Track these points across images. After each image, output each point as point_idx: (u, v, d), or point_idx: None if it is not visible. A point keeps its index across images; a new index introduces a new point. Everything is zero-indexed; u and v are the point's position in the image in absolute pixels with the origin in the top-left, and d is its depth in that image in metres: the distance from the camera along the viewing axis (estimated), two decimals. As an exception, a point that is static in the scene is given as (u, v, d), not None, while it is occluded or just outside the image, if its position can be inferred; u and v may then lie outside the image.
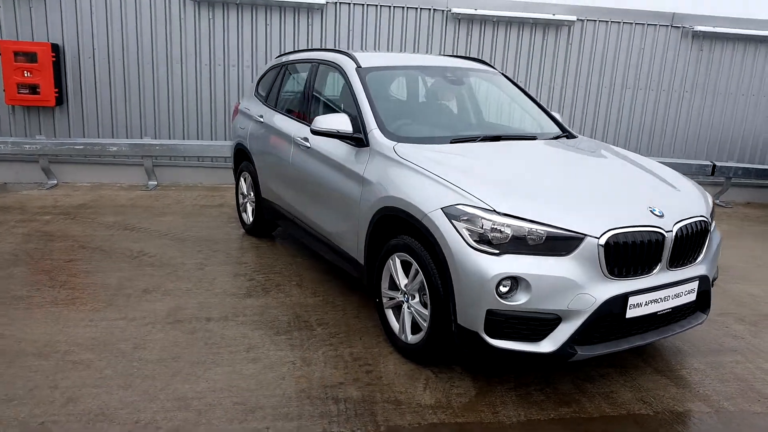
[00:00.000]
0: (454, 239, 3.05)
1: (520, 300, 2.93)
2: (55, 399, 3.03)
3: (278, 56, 5.95)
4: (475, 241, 3.00)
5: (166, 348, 3.59)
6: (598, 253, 2.95)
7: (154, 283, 4.58)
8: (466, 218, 3.05)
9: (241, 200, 6.07)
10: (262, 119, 5.38)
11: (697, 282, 3.30)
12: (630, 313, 3.04)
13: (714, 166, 8.48)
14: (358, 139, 3.94)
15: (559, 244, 2.96)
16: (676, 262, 3.21)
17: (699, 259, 3.35)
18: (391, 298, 3.66)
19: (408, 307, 3.49)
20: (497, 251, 2.96)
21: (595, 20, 8.41)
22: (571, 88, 8.59)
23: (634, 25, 8.48)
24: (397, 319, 3.64)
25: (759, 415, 3.14)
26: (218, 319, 4.00)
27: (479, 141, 3.97)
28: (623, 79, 8.65)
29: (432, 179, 3.33)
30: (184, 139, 8.23)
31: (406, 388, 3.24)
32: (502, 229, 2.96)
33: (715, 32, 8.46)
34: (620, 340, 3.13)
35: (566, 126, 4.67)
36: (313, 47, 7.50)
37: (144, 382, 3.21)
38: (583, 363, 3.51)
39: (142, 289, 4.48)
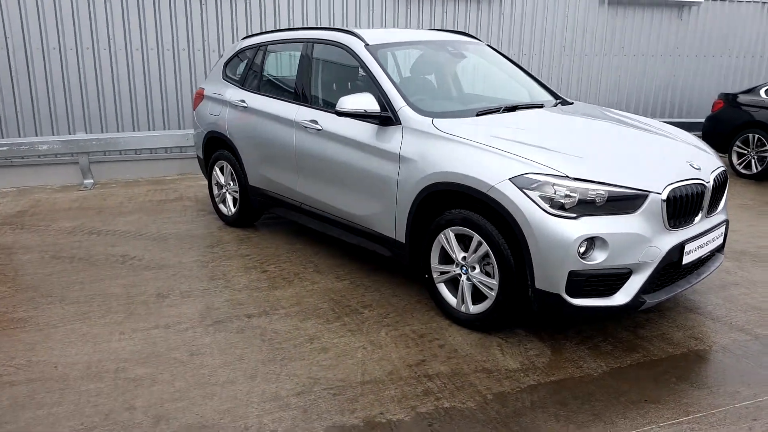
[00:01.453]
0: (529, 208, 3.15)
1: (599, 258, 3.11)
2: (141, 421, 2.81)
3: (245, 37, 5.68)
4: (549, 207, 3.12)
5: (225, 351, 3.42)
6: (661, 208, 3.19)
7: (164, 287, 4.31)
8: (535, 186, 3.16)
9: (216, 191, 5.79)
10: (244, 104, 5.14)
11: (724, 226, 3.67)
12: (685, 259, 3.33)
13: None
14: (385, 117, 3.90)
15: (627, 203, 3.16)
16: (711, 210, 3.54)
17: (721, 206, 3.71)
18: (443, 273, 3.71)
19: (468, 279, 3.57)
20: (574, 215, 3.10)
21: (524, -10, 8.77)
22: (506, 57, 8.93)
23: (557, -6, 8.94)
24: (452, 293, 3.70)
25: (790, 337, 3.58)
26: (259, 315, 3.86)
27: (502, 112, 4.08)
28: (551, 45, 9.11)
29: (489, 151, 3.39)
30: (118, 131, 7.65)
31: (486, 356, 3.34)
32: (573, 194, 3.10)
33: (628, -2, 9.12)
34: (674, 285, 3.41)
35: (556, 92, 4.90)
36: (287, 27, 7.24)
37: (225, 388, 3.06)
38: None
39: (155, 294, 4.20)
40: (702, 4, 9.67)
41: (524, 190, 3.18)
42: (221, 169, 5.64)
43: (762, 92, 7.79)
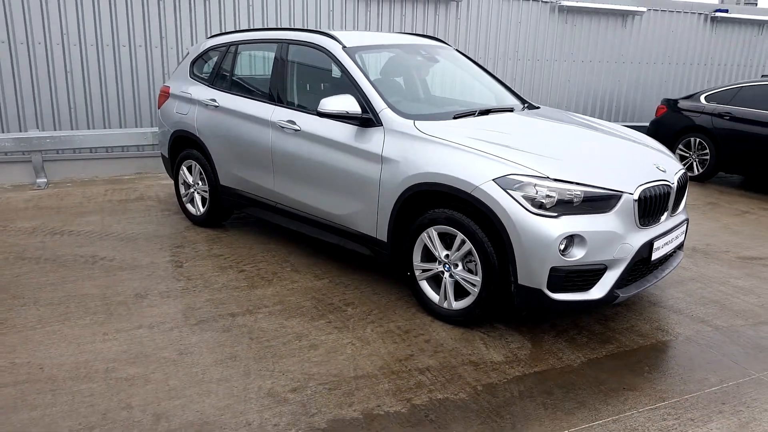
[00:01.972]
0: (513, 207, 3.32)
1: (577, 255, 3.31)
2: (141, 419, 2.82)
3: (212, 36, 5.66)
4: (531, 206, 3.30)
5: (214, 349, 3.45)
6: (633, 207, 3.42)
7: (141, 287, 4.26)
8: (518, 186, 3.33)
9: (184, 191, 5.74)
10: (215, 103, 5.13)
11: (685, 225, 3.96)
12: (654, 256, 3.58)
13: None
14: (366, 119, 4.00)
15: (603, 202, 3.38)
16: (674, 209, 3.81)
17: (682, 206, 4.00)
18: (425, 270, 3.85)
19: (451, 276, 3.71)
20: (555, 214, 3.29)
21: (479, -4, 9.02)
22: (463, 61, 9.17)
23: (511, 1, 9.24)
24: (434, 290, 3.84)
25: (744, 327, 3.90)
26: (243, 314, 3.89)
27: (477, 115, 4.25)
28: (505, 50, 9.42)
29: (472, 153, 3.55)
30: (72, 129, 7.43)
31: (471, 350, 3.49)
32: (553, 194, 3.29)
33: (578, 6, 9.52)
34: (644, 279, 3.67)
35: (519, 94, 5.12)
36: (258, 27, 7.20)
37: (220, 386, 3.09)
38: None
39: (133, 294, 4.16)
40: (644, 14, 10.20)
41: (508, 191, 3.34)
42: (189, 169, 5.59)
43: (702, 98, 8.31)
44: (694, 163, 8.29)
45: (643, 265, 3.58)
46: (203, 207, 5.55)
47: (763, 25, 11.36)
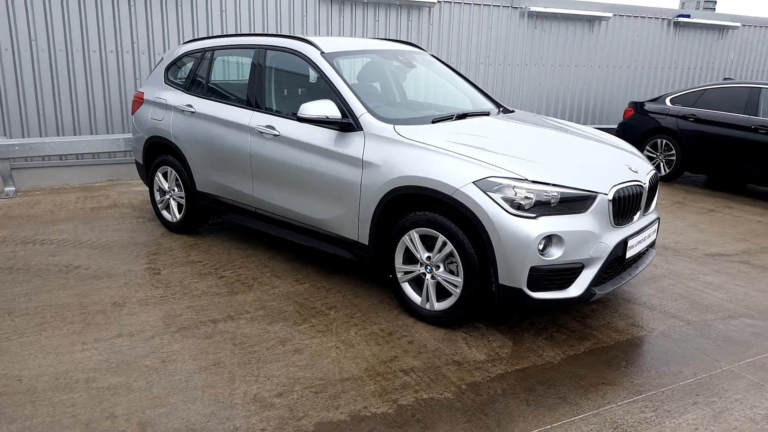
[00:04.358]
0: (492, 209, 3.39)
1: (556, 255, 3.39)
2: (125, 428, 2.79)
3: (188, 42, 5.63)
4: (511, 207, 3.37)
5: (197, 356, 3.43)
6: (608, 207, 3.52)
7: (118, 296, 4.22)
8: (497, 188, 3.40)
9: (159, 197, 5.69)
10: (192, 109, 5.10)
11: (657, 223, 4.08)
12: (628, 254, 3.68)
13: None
14: (346, 124, 4.04)
15: (579, 203, 3.46)
16: (646, 208, 3.93)
17: (653, 205, 4.13)
18: (407, 272, 3.89)
19: (432, 278, 3.76)
20: (533, 215, 3.37)
21: (451, 2, 9.13)
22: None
23: (482, 6, 9.38)
24: (416, 291, 3.89)
25: (714, 321, 4.04)
26: (224, 320, 3.87)
27: (455, 119, 4.31)
28: (477, 54, 9.55)
29: (452, 156, 3.60)
30: (41, 136, 7.29)
31: (454, 350, 3.54)
32: (531, 196, 3.37)
33: (547, 12, 9.71)
34: (618, 277, 3.77)
35: (493, 97, 5.22)
36: (234, 33, 7.16)
37: (205, 392, 3.08)
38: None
39: (110, 303, 4.11)
40: (611, 19, 10.45)
41: (487, 193, 3.41)
42: (165, 175, 5.55)
43: (667, 101, 8.54)
44: (661, 164, 8.51)
45: (618, 263, 3.68)
46: (179, 213, 5.51)
47: (723, 30, 11.74)
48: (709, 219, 6.71)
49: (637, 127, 8.70)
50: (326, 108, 3.99)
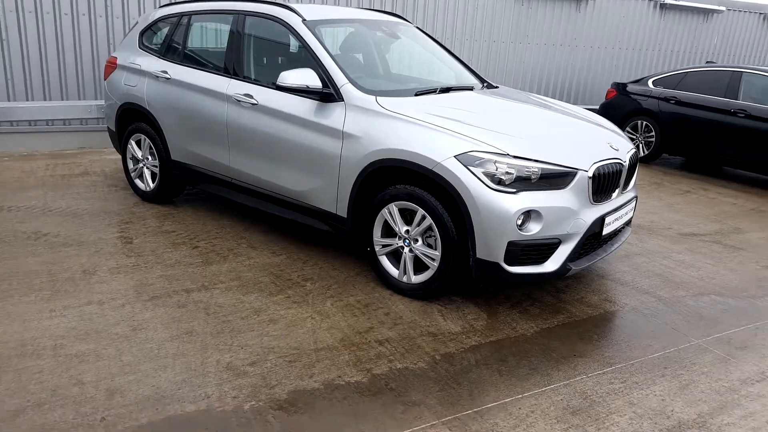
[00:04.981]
0: (473, 183, 3.36)
1: (534, 230, 3.38)
2: (94, 395, 2.74)
3: (164, 6, 5.46)
4: (491, 182, 3.35)
5: (169, 325, 3.37)
6: (588, 184, 3.51)
7: (89, 263, 4.12)
8: (479, 163, 3.37)
9: (132, 166, 5.56)
10: (167, 75, 4.96)
11: (634, 202, 4.10)
12: (605, 231, 3.69)
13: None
14: (327, 94, 3.95)
15: (559, 179, 3.45)
16: (624, 186, 3.94)
17: (632, 184, 4.13)
18: (385, 245, 3.86)
19: (410, 251, 3.73)
20: (513, 190, 3.35)
21: (435, -24, 9.00)
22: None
23: (467, -19, 9.26)
24: (394, 264, 3.86)
25: (685, 298, 4.11)
26: (198, 290, 3.82)
27: (438, 93, 4.25)
28: (462, 31, 9.45)
29: (434, 130, 3.56)
30: (9, 100, 7.06)
31: (429, 322, 3.54)
32: (512, 171, 3.35)
33: (532, -11, 9.63)
34: (594, 253, 3.78)
35: (478, 73, 5.17)
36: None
37: (177, 360, 3.04)
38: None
39: (80, 270, 4.01)
40: (597, -1, 10.42)
41: (469, 167, 3.37)
42: (138, 143, 5.41)
43: (650, 82, 8.57)
44: (641, 145, 8.56)
45: (594, 239, 3.69)
46: (153, 182, 5.39)
47: (708, 14, 11.78)
48: (685, 200, 6.78)
49: (619, 108, 8.72)
50: (307, 77, 3.91)
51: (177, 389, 2.80)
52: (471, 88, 4.60)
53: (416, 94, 4.10)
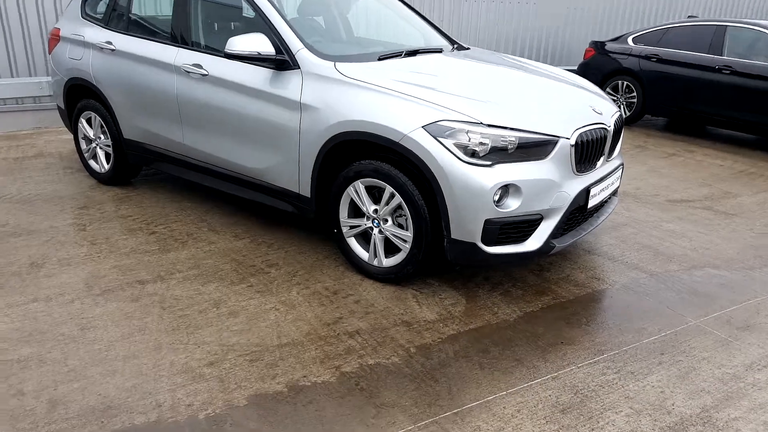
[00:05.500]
0: (443, 156, 3.07)
1: (513, 206, 3.12)
2: (34, 407, 2.47)
3: (109, -30, 5.00)
4: (464, 155, 3.07)
5: (120, 322, 3.09)
6: (570, 153, 3.25)
7: (37, 255, 3.81)
8: (449, 133, 3.08)
9: (85, 146, 5.19)
10: (112, 46, 4.57)
11: (620, 170, 3.85)
12: (590, 203, 3.45)
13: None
14: (281, 61, 3.62)
15: (539, 149, 3.18)
16: (609, 153, 3.68)
17: (617, 150, 3.88)
18: (353, 227, 3.59)
19: (380, 232, 3.47)
20: (488, 162, 3.07)
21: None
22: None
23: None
24: (363, 247, 3.60)
25: (678, 272, 3.88)
26: (153, 281, 3.53)
27: (404, 56, 3.93)
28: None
29: (399, 98, 3.25)
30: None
31: (404, 309, 3.29)
32: (487, 141, 3.07)
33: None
34: (579, 228, 3.54)
35: (448, 34, 4.84)
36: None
37: (127, 363, 2.77)
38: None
39: (28, 263, 3.70)
40: (573, -47, 10.00)
41: (438, 138, 3.09)
42: (89, 121, 5.04)
43: (629, 40, 8.26)
44: (622, 107, 8.30)
45: (579, 212, 3.45)
46: (107, 163, 5.03)
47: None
48: (671, 163, 6.56)
49: (598, 68, 8.43)
50: (257, 42, 3.56)
51: (126, 397, 2.54)
52: (440, 51, 4.28)
53: (379, 59, 3.77)
